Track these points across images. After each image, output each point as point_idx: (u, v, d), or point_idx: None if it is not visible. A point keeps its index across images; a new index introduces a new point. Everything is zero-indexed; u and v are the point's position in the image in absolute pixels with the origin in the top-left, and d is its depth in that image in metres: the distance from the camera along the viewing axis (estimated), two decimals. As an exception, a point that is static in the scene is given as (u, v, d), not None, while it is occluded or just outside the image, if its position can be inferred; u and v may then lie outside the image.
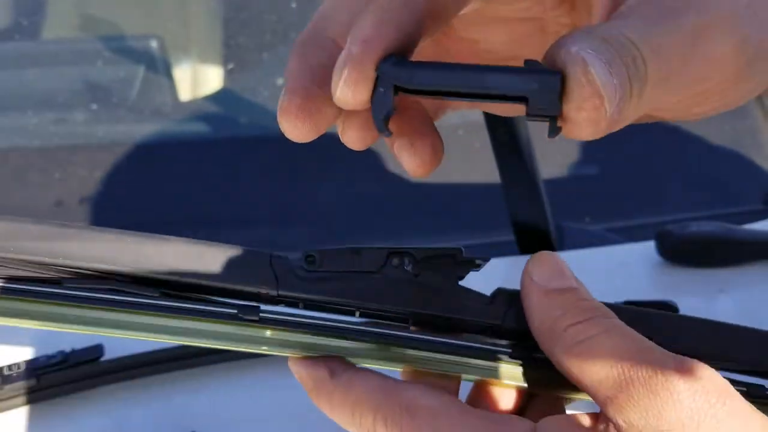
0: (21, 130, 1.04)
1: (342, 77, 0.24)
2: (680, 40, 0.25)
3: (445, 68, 0.24)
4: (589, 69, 0.23)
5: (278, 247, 0.88)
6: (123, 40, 1.16)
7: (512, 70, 0.24)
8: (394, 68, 0.24)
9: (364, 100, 0.25)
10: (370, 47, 0.24)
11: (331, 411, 0.31)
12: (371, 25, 0.24)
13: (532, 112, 0.24)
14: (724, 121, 1.03)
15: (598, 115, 0.23)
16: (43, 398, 0.69)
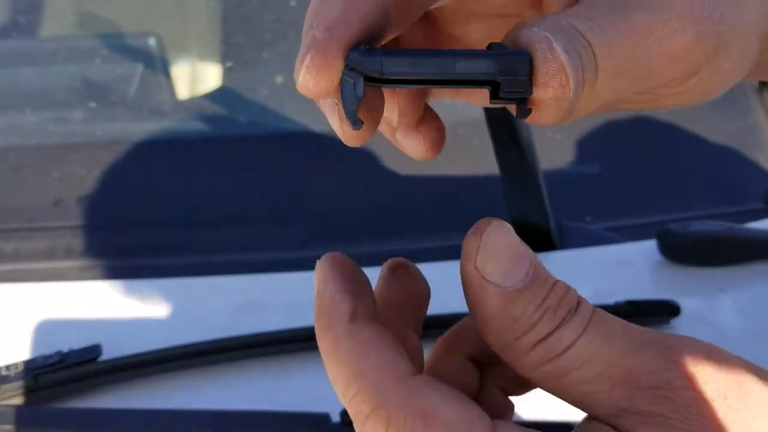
0: (19, 128, 1.04)
1: (304, 63, 0.23)
2: (631, 36, 0.25)
3: (414, 55, 0.24)
4: (554, 45, 0.23)
5: (277, 246, 0.88)
6: (121, 38, 1.15)
7: (481, 53, 0.24)
8: (362, 57, 0.23)
9: (326, 88, 0.24)
10: (334, 34, 0.23)
11: (324, 357, 0.26)
12: (337, 10, 0.24)
13: (504, 95, 0.24)
14: (725, 120, 1.02)
15: (563, 93, 0.24)
16: (41, 398, 0.69)
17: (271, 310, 0.77)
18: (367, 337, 0.25)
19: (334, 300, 0.26)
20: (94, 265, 0.85)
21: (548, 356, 0.24)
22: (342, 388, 0.24)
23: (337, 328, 0.25)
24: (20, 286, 0.81)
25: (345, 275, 0.27)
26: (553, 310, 0.24)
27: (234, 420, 0.66)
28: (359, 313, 0.25)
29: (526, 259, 0.24)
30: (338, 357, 0.25)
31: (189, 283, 0.80)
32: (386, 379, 0.24)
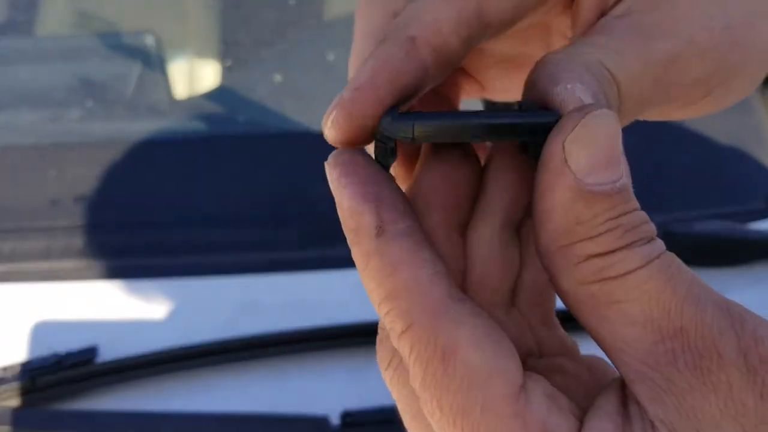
0: (16, 128, 1.04)
1: (329, 119, 0.25)
2: (655, 68, 0.25)
3: (444, 119, 0.24)
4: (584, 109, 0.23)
5: (276, 246, 0.87)
6: (118, 36, 1.15)
7: (512, 116, 0.24)
8: (394, 123, 0.24)
9: (350, 142, 0.25)
10: (361, 96, 0.24)
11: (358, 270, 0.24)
12: (366, 74, 0.24)
13: (533, 154, 0.24)
14: (728, 119, 1.02)
15: None
16: (38, 399, 0.69)
17: (269, 310, 0.76)
18: (398, 256, 0.23)
19: (354, 213, 0.24)
20: (92, 265, 0.84)
21: (601, 275, 0.21)
22: (376, 304, 0.24)
23: (364, 244, 0.23)
24: (17, 287, 0.81)
25: (362, 177, 0.24)
26: (624, 229, 0.21)
27: (232, 422, 0.65)
28: (385, 223, 0.23)
29: (620, 166, 0.22)
30: (370, 275, 0.23)
31: (186, 283, 0.80)
32: (420, 301, 0.23)
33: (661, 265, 0.21)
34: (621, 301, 0.21)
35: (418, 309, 0.22)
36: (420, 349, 0.22)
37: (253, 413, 0.66)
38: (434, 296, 0.23)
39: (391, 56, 0.25)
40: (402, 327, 0.23)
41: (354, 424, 0.64)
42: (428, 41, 0.25)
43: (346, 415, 0.65)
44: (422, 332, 0.22)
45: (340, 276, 0.80)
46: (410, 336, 0.22)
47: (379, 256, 0.23)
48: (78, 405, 0.69)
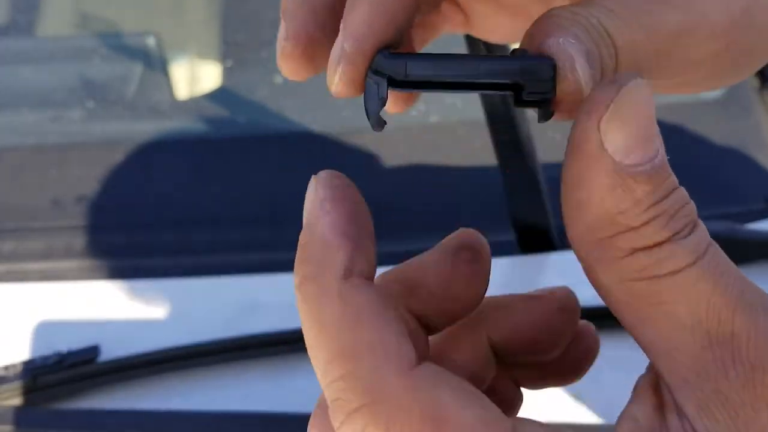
0: (17, 128, 1.04)
1: (337, 74, 0.24)
2: (658, 39, 0.25)
3: (438, 59, 0.24)
4: (576, 66, 0.23)
5: (276, 247, 0.87)
6: (120, 37, 1.15)
7: (506, 59, 0.24)
8: (387, 61, 0.24)
9: (358, 93, 0.24)
10: (362, 44, 0.24)
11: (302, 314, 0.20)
12: (363, 20, 0.24)
13: (528, 97, 0.24)
14: (726, 120, 1.02)
15: (574, 107, 0.23)
16: (40, 399, 0.69)
17: (269, 311, 0.76)
18: (364, 304, 0.20)
19: (326, 243, 0.21)
20: (93, 265, 0.85)
21: (647, 272, 0.19)
22: (321, 364, 0.20)
23: (326, 282, 0.20)
24: (18, 287, 0.81)
25: (346, 209, 0.21)
26: (668, 217, 0.19)
27: (232, 421, 0.65)
28: (356, 267, 0.20)
29: (657, 141, 0.20)
30: (321, 322, 0.20)
31: (187, 283, 0.80)
32: (385, 367, 0.19)
33: (711, 262, 0.19)
34: (667, 302, 0.19)
35: (387, 374, 0.19)
36: (403, 424, 0.18)
37: (253, 412, 0.66)
38: (405, 359, 0.19)
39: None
40: (363, 398, 0.19)
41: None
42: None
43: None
44: (400, 402, 0.19)
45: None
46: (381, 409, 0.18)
47: (341, 302, 0.20)
48: (80, 404, 0.69)
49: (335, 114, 1.03)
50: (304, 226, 0.21)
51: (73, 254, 0.86)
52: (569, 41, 0.23)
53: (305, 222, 0.21)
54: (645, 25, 0.24)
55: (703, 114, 1.03)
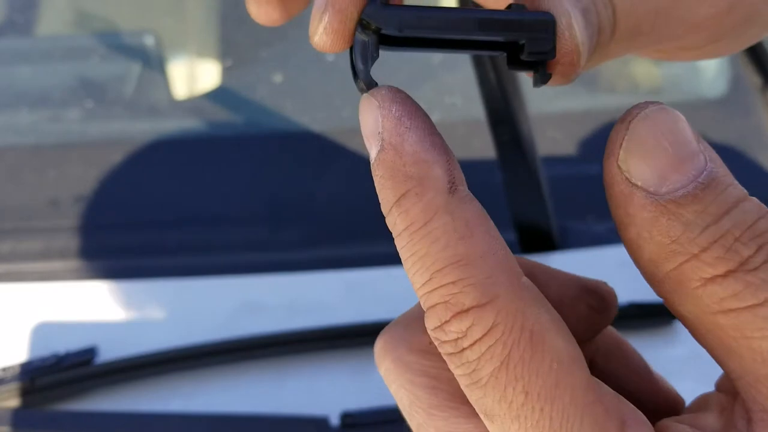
0: (15, 128, 1.03)
1: (322, 23, 0.22)
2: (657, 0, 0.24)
3: (434, 12, 0.22)
4: (573, 23, 0.22)
5: (276, 247, 0.87)
6: (118, 36, 1.15)
7: (505, 13, 0.22)
8: (380, 12, 0.21)
9: (343, 47, 0.22)
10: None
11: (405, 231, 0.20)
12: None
13: (527, 58, 0.22)
14: (728, 119, 1.02)
15: (571, 69, 0.22)
16: (38, 400, 0.68)
17: (269, 311, 0.76)
18: (473, 217, 0.20)
19: (420, 159, 0.20)
20: (91, 265, 0.84)
21: (724, 305, 0.18)
22: (429, 272, 0.20)
23: (431, 198, 0.20)
24: (16, 287, 0.81)
25: (425, 122, 0.20)
26: (731, 237, 0.18)
27: (232, 423, 0.65)
28: (457, 181, 0.20)
29: (697, 157, 0.18)
30: (431, 235, 0.19)
31: (186, 284, 0.80)
32: (500, 273, 0.19)
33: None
34: (751, 336, 0.18)
35: (502, 281, 0.19)
36: (505, 329, 0.19)
37: (252, 414, 0.66)
38: (513, 271, 0.19)
39: None
40: (477, 300, 0.19)
41: (353, 424, 0.64)
42: None
43: (346, 415, 0.65)
44: (510, 309, 0.19)
45: (339, 277, 0.79)
46: (491, 312, 0.19)
47: (450, 216, 0.19)
48: (77, 405, 0.69)
49: (335, 114, 1.02)
50: (385, 146, 0.20)
51: (71, 255, 0.86)
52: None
53: (386, 142, 0.20)
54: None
55: (705, 113, 1.03)
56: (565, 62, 0.22)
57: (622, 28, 0.23)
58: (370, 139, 0.21)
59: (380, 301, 0.76)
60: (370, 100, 0.21)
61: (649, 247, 0.19)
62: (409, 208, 0.20)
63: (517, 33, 0.22)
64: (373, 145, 0.21)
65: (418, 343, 0.23)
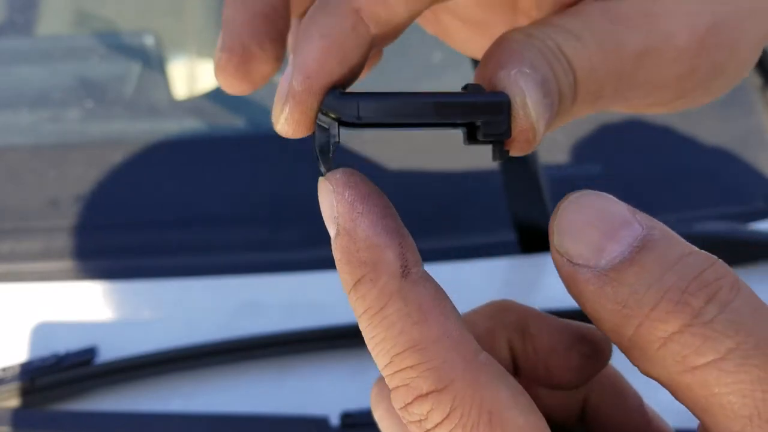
0: (15, 128, 1.03)
1: (283, 114, 0.23)
2: (619, 62, 0.24)
3: (392, 99, 0.23)
4: (527, 101, 0.22)
5: (275, 247, 0.87)
6: (118, 36, 1.15)
7: (461, 96, 0.23)
8: (338, 102, 0.22)
9: (306, 133, 0.23)
10: (313, 84, 0.22)
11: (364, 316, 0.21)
12: (316, 57, 0.22)
13: (482, 138, 0.23)
14: (728, 120, 1.02)
15: (527, 145, 0.23)
16: (38, 400, 0.68)
17: (269, 311, 0.76)
18: (428, 300, 0.20)
19: (372, 244, 0.20)
20: (91, 265, 0.84)
21: (687, 363, 0.18)
22: (389, 356, 0.20)
23: (384, 283, 0.20)
24: (16, 287, 0.81)
25: (378, 205, 0.21)
26: (678, 290, 0.18)
27: (231, 423, 0.65)
28: (410, 263, 0.20)
29: (631, 224, 0.19)
30: (387, 321, 0.20)
31: (186, 284, 0.80)
32: (454, 357, 0.20)
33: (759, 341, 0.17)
34: (718, 393, 0.18)
35: (458, 364, 0.19)
36: (463, 412, 0.19)
37: (252, 414, 0.66)
38: (469, 351, 0.20)
39: (338, 33, 0.22)
40: (434, 386, 0.19)
41: (353, 425, 0.64)
42: (375, 14, 0.22)
43: (346, 415, 0.65)
44: (466, 393, 0.19)
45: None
46: (448, 397, 0.19)
47: (403, 301, 0.20)
48: (77, 405, 0.69)
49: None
50: (340, 231, 0.21)
51: (71, 255, 0.86)
52: (523, 71, 0.22)
53: (340, 226, 0.21)
54: (605, 48, 0.23)
55: (705, 114, 1.03)
56: (521, 139, 0.23)
57: (583, 93, 0.24)
58: (328, 222, 0.21)
59: (380, 301, 0.76)
60: (326, 184, 0.22)
61: (606, 318, 0.19)
62: (365, 294, 0.20)
63: (472, 116, 0.23)
64: (331, 228, 0.21)
65: None
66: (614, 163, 0.99)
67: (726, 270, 0.19)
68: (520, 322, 0.25)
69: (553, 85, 0.23)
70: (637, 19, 0.24)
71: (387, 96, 0.23)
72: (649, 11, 0.24)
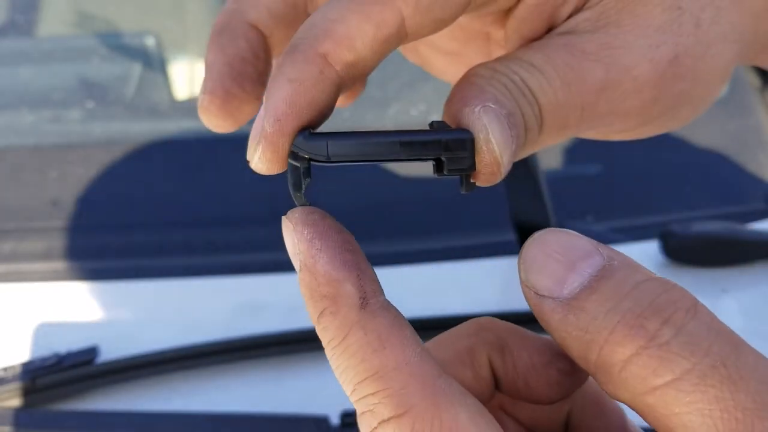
0: (16, 128, 1.04)
1: (257, 153, 0.24)
2: (582, 95, 0.25)
3: (358, 138, 0.24)
4: (491, 138, 0.23)
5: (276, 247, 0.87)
6: (119, 37, 1.15)
7: (425, 134, 0.24)
8: (308, 143, 0.24)
9: (280, 170, 0.24)
10: (284, 126, 0.23)
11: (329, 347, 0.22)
12: (285, 100, 0.23)
13: (449, 173, 0.24)
14: (727, 120, 1.02)
15: (493, 177, 0.24)
16: (39, 400, 0.69)
17: (270, 311, 0.76)
18: (387, 329, 0.21)
19: (331, 278, 0.22)
20: (92, 265, 0.84)
21: (648, 384, 0.19)
22: (352, 384, 0.21)
23: (344, 315, 0.21)
24: (17, 287, 0.81)
25: (338, 241, 0.22)
26: (634, 314, 0.19)
27: (232, 422, 0.65)
28: (367, 292, 0.21)
29: (592, 256, 0.21)
30: (349, 350, 0.21)
31: (187, 284, 0.80)
32: (413, 383, 0.20)
33: (716, 361, 0.18)
34: (679, 412, 0.18)
35: (416, 390, 0.20)
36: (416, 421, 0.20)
37: (253, 413, 0.66)
38: (427, 376, 0.21)
39: (306, 78, 0.23)
40: (394, 411, 0.20)
41: (354, 424, 0.64)
42: (342, 58, 0.24)
43: (346, 415, 0.65)
44: (425, 417, 0.20)
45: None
46: (408, 421, 0.20)
47: (363, 330, 0.21)
48: (79, 405, 0.69)
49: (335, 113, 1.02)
50: (301, 267, 0.22)
51: (72, 255, 0.86)
52: (488, 107, 0.23)
53: (301, 263, 0.22)
54: (568, 82, 0.24)
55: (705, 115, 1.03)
56: (487, 173, 0.24)
57: (549, 124, 0.25)
58: (293, 258, 0.23)
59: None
60: (287, 223, 0.23)
61: (572, 345, 0.20)
62: (327, 326, 0.21)
63: (437, 153, 0.24)
64: (295, 264, 0.22)
65: None
66: (614, 163, 0.99)
67: (682, 294, 0.20)
68: (499, 339, 0.26)
69: (519, 118, 0.24)
70: (598, 53, 0.25)
71: (354, 135, 0.24)
72: (610, 45, 0.25)
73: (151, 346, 0.71)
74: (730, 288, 0.78)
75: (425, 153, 0.24)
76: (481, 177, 0.24)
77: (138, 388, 0.70)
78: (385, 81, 1.02)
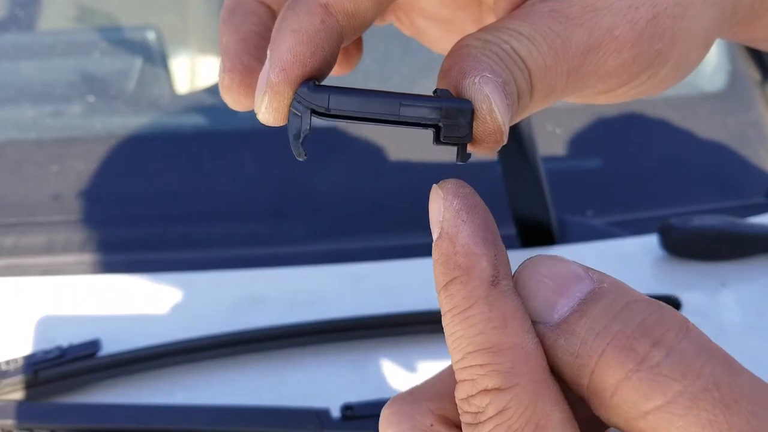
0: (18, 122, 1.04)
1: (263, 103, 0.25)
2: (568, 59, 0.25)
3: (361, 95, 0.24)
4: (494, 108, 0.24)
5: (277, 241, 0.87)
6: (120, 31, 1.15)
7: (426, 99, 0.25)
8: (311, 93, 0.24)
9: (285, 121, 0.25)
10: (288, 75, 0.24)
11: (449, 310, 0.22)
12: (289, 50, 0.24)
13: (445, 140, 0.24)
14: (727, 114, 1.02)
15: (495, 145, 0.24)
16: (41, 393, 0.69)
17: (270, 304, 0.76)
18: (512, 311, 0.21)
19: (470, 253, 0.22)
20: (94, 259, 0.85)
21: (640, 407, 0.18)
22: (462, 352, 0.21)
23: (474, 287, 0.21)
24: (19, 281, 0.81)
25: (483, 218, 0.22)
26: (623, 336, 0.19)
27: (234, 415, 0.66)
28: (501, 275, 0.22)
29: (581, 280, 0.21)
30: (469, 320, 0.21)
31: (189, 277, 0.80)
32: (523, 367, 0.20)
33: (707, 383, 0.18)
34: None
35: (523, 373, 0.20)
36: (513, 415, 0.20)
37: (254, 406, 0.66)
38: (539, 367, 0.21)
39: (308, 27, 0.24)
40: (498, 384, 0.20)
41: (354, 416, 0.64)
42: (342, 7, 0.25)
43: (347, 408, 0.65)
44: (523, 399, 0.20)
45: (341, 270, 0.80)
46: (506, 397, 0.20)
47: (488, 306, 0.21)
48: (81, 398, 0.70)
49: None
50: (442, 234, 0.22)
51: (74, 248, 0.86)
52: (486, 77, 0.24)
53: (444, 231, 0.22)
54: (555, 48, 0.25)
55: (704, 107, 1.03)
56: (491, 141, 0.24)
57: (538, 90, 0.25)
58: (433, 224, 0.23)
59: (381, 295, 0.76)
60: (437, 191, 0.23)
61: (564, 370, 0.21)
62: (454, 294, 0.22)
63: (435, 118, 0.24)
64: (435, 230, 0.23)
65: (420, 424, 0.24)
66: (613, 157, 0.99)
67: (672, 314, 0.20)
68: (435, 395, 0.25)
69: (512, 86, 0.24)
70: (581, 16, 0.25)
71: (356, 92, 0.24)
72: (592, 7, 0.25)
73: (153, 340, 0.71)
74: (729, 282, 0.78)
75: (423, 118, 0.24)
76: (485, 146, 0.24)
77: (140, 381, 0.70)
78: (385, 80, 1.02)
